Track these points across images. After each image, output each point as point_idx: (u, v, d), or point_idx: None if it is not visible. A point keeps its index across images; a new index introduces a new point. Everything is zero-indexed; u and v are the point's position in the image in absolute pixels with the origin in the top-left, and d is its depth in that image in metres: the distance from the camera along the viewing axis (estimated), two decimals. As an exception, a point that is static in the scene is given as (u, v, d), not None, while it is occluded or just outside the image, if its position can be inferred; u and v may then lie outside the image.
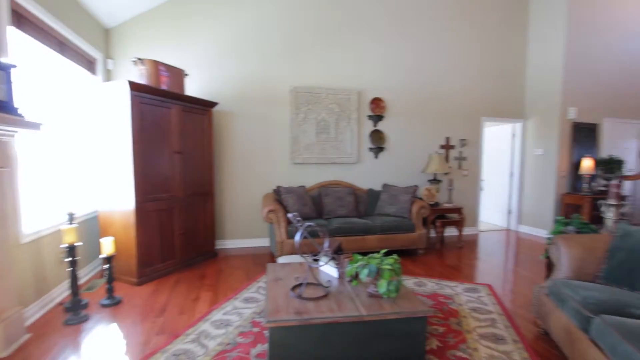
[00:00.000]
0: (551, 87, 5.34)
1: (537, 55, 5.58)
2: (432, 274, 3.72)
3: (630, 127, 5.79)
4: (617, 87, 5.56)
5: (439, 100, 5.36)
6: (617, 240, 2.17)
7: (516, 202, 6.00)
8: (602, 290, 1.98)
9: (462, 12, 5.35)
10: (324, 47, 4.80)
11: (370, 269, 1.97)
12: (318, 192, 4.61)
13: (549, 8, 5.36)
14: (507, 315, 2.74)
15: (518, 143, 5.92)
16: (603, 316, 1.71)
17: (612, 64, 5.49)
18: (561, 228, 2.61)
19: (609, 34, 5.40)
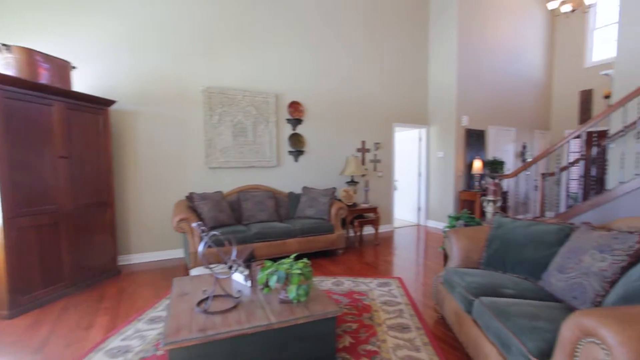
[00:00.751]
0: (448, 98, 6.05)
1: (437, 70, 6.28)
2: (350, 273, 3.86)
3: (508, 133, 6.88)
4: (497, 100, 6.56)
5: (355, 105, 5.64)
6: (494, 231, 2.53)
7: (424, 199, 6.64)
8: (483, 275, 2.28)
9: (375, 26, 5.73)
10: (240, 47, 4.66)
11: (279, 275, 1.94)
12: (237, 197, 4.44)
13: (443, 32, 6.08)
14: (413, 304, 2.98)
15: (424, 146, 6.57)
16: (481, 298, 1.96)
17: (493, 81, 6.46)
18: (453, 223, 2.95)
19: (489, 57, 6.34)
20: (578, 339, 1.22)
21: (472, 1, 5.98)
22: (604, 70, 6.13)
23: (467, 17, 5.93)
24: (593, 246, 1.81)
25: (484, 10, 6.17)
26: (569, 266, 1.91)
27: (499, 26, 6.43)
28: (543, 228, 2.35)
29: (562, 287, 1.91)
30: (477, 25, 6.09)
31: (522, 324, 1.59)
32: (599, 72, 6.39)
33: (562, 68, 7.37)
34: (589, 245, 1.84)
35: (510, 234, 2.45)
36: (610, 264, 1.68)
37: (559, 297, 1.93)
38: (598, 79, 6.54)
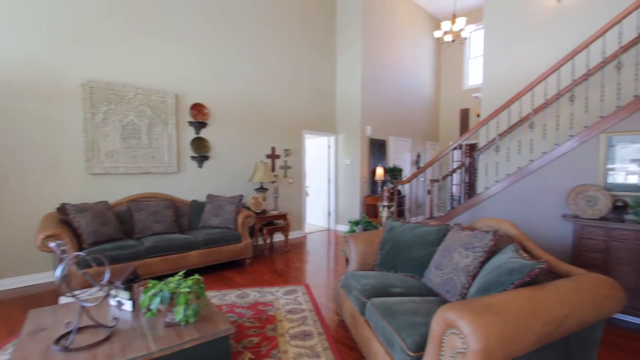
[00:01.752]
0: (354, 109, 6.45)
1: (344, 81, 6.64)
2: (258, 283, 3.74)
3: (405, 144, 7.67)
4: (396, 113, 7.26)
5: (264, 111, 5.56)
6: (386, 234, 2.73)
7: (334, 204, 6.90)
8: (376, 277, 2.42)
9: (287, 34, 5.77)
10: (133, 36, 4.14)
11: (163, 296, 1.73)
12: (127, 208, 3.92)
13: (348, 46, 6.48)
14: (317, 310, 3.02)
15: (333, 154, 6.85)
16: (373, 299, 2.07)
17: (392, 96, 7.13)
18: (353, 227, 3.10)
19: (388, 74, 6.99)
20: (444, 331, 1.35)
21: (372, 21, 6.52)
22: (475, 93, 7.31)
23: (369, 35, 6.43)
24: (460, 245, 2.08)
25: (382, 31, 6.78)
26: (444, 263, 2.16)
27: (396, 47, 7.15)
28: (426, 230, 2.62)
29: (438, 282, 2.15)
30: (378, 44, 6.65)
31: (404, 321, 1.72)
32: (472, 94, 7.60)
33: (447, 88, 8.57)
34: (458, 244, 2.11)
35: (400, 236, 2.68)
36: (472, 259, 1.94)
37: (436, 292, 2.17)
38: (473, 100, 7.78)
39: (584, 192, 2.93)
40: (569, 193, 2.99)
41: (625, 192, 2.87)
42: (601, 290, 1.44)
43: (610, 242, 2.75)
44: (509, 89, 4.21)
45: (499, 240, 1.98)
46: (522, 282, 1.51)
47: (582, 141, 3.01)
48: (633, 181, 2.84)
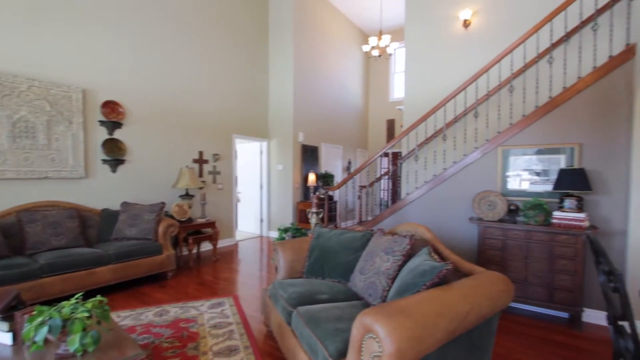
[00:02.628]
0: (286, 115, 6.45)
1: (276, 87, 6.61)
2: (180, 297, 3.46)
3: (337, 150, 7.92)
4: (328, 120, 7.46)
5: (191, 113, 5.23)
6: (314, 241, 2.75)
7: (266, 210, 6.78)
8: (304, 284, 2.42)
9: (217, 35, 5.53)
10: (26, 15, 3.54)
11: (52, 324, 1.48)
12: (16, 219, 3.32)
13: (280, 52, 6.49)
14: (245, 322, 2.90)
15: (265, 159, 6.74)
16: (298, 308, 2.06)
17: (324, 103, 7.32)
18: (283, 235, 3.07)
19: (320, 82, 7.17)
20: (363, 336, 1.38)
21: (304, 31, 6.63)
22: (399, 105, 7.91)
23: (301, 44, 6.53)
24: (382, 249, 2.19)
25: (314, 41, 6.94)
26: (367, 267, 2.24)
27: (328, 57, 7.37)
28: (352, 235, 2.70)
29: (362, 287, 2.22)
30: (309, 53, 6.79)
31: (327, 328, 1.73)
32: (396, 107, 8.20)
33: (375, 99, 9.11)
34: (379, 249, 2.21)
35: (328, 242, 2.72)
36: (392, 263, 2.05)
37: (361, 296, 2.24)
38: (397, 112, 8.39)
39: (486, 197, 3.34)
40: (474, 198, 3.37)
41: (517, 197, 3.34)
42: (497, 286, 1.63)
43: (506, 240, 3.17)
44: (427, 103, 4.63)
45: (415, 244, 2.13)
46: (432, 283, 1.63)
47: (484, 153, 3.43)
48: (523, 187, 3.32)
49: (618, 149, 2.88)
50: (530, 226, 3.03)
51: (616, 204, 2.91)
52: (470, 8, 4.46)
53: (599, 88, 2.93)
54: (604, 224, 2.96)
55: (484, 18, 4.39)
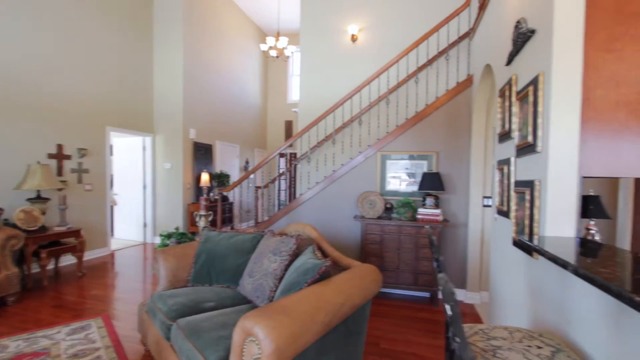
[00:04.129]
0: (175, 109, 5.92)
1: (163, 78, 6.00)
2: (28, 326, 2.81)
3: (234, 149, 7.67)
4: (224, 118, 7.16)
5: (47, 98, 4.30)
6: (201, 245, 2.60)
7: (151, 214, 6.08)
8: (188, 293, 2.25)
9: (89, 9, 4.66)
10: None
11: None
12: None
13: (168, 41, 5.93)
14: (117, 345, 2.54)
15: (149, 156, 6.05)
16: (178, 321, 1.91)
17: (220, 100, 7.00)
18: (166, 241, 2.80)
19: (216, 78, 6.83)
20: (244, 341, 1.37)
21: (196, 21, 6.22)
22: (295, 108, 8.15)
23: (193, 35, 6.10)
24: (270, 250, 2.21)
25: (208, 33, 6.57)
26: (255, 270, 2.23)
27: (224, 53, 7.08)
28: (242, 238, 2.65)
29: (250, 289, 2.20)
30: (203, 46, 6.39)
31: (210, 337, 1.66)
32: (292, 109, 8.43)
33: (273, 100, 9.16)
34: (268, 250, 2.23)
35: (216, 246, 2.60)
36: (279, 263, 2.09)
37: (250, 299, 2.21)
38: (295, 113, 8.62)
39: (367, 197, 3.71)
40: (358, 198, 3.72)
41: (393, 197, 3.82)
42: (368, 277, 1.83)
43: (383, 235, 3.59)
44: (320, 108, 4.89)
45: (301, 243, 2.22)
46: (313, 280, 1.72)
47: (367, 157, 3.81)
48: (397, 188, 3.82)
49: (462, 156, 3.59)
50: (401, 222, 3.51)
51: (461, 201, 3.61)
52: (357, 24, 4.90)
53: (450, 106, 3.59)
54: (453, 217, 3.64)
55: (368, 35, 4.88)
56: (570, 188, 1.52)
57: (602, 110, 1.51)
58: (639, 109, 1.50)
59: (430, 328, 2.94)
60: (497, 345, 1.20)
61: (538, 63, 1.66)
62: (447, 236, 3.64)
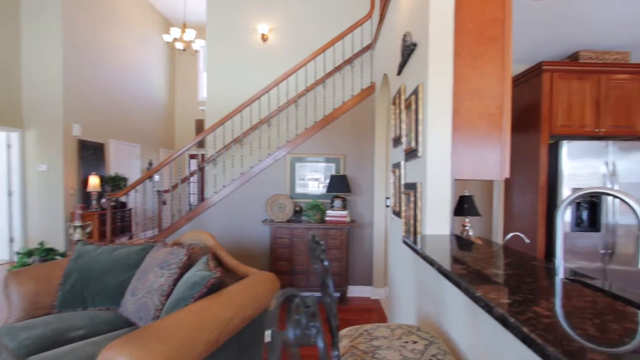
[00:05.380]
0: (52, 100, 4.98)
1: (34, 61, 4.98)
2: None
3: (134, 149, 6.83)
4: (121, 114, 6.32)
5: None
6: (72, 263, 2.18)
7: (19, 226, 5.00)
8: (50, 323, 1.85)
9: None
10: None
11: None
12: None
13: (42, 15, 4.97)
14: (-56, 398, 1.95)
15: (16, 156, 4.97)
16: (30, 358, 1.54)
17: (116, 94, 6.16)
18: (25, 260, 2.28)
19: (109, 68, 5.99)
20: (106, 376, 1.14)
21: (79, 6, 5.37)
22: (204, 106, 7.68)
23: (76, 13, 5.23)
24: (156, 264, 1.96)
25: (98, 14, 5.73)
26: (139, 287, 1.95)
27: (119, 39, 6.26)
28: (127, 251, 2.31)
29: (133, 310, 1.91)
30: (91, 27, 5.55)
31: (67, 376, 1.37)
32: (200, 107, 7.91)
33: (183, 97, 8.47)
34: (154, 264, 1.97)
35: (93, 262, 2.21)
36: (167, 278, 1.86)
37: (132, 321, 1.93)
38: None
39: (277, 201, 3.64)
40: (267, 201, 3.62)
41: (303, 200, 3.82)
42: (263, 285, 1.74)
43: (293, 238, 3.56)
44: (229, 107, 4.64)
45: (194, 254, 2.02)
46: (201, 294, 1.57)
47: (276, 159, 3.74)
48: (306, 191, 3.83)
49: (367, 159, 3.78)
50: (310, 224, 3.52)
51: (366, 202, 3.80)
52: (267, 24, 4.81)
53: (356, 112, 3.75)
54: (360, 218, 3.80)
55: (279, 36, 4.83)
56: (445, 189, 1.67)
57: (469, 120, 1.70)
58: (497, 120, 1.73)
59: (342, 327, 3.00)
60: (378, 345, 1.22)
61: (419, 74, 1.81)
62: (355, 236, 3.79)
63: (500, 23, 1.67)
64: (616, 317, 0.66)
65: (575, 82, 3.22)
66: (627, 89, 3.20)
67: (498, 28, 1.67)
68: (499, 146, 1.70)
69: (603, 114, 3.22)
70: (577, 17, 2.73)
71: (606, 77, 3.21)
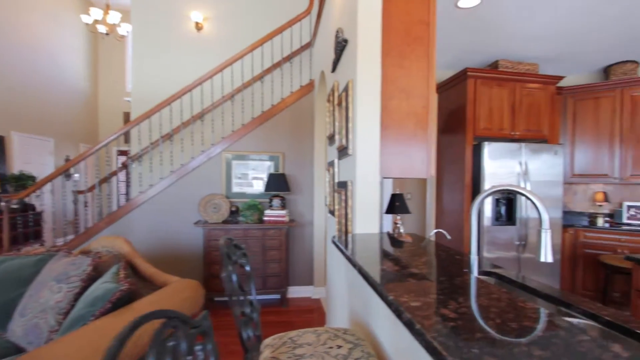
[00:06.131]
0: None
1: None
2: None
3: (46, 144, 5.96)
4: (28, 104, 5.46)
5: None
6: (-60, 281, 1.78)
7: None
8: None
9: None
10: None
11: None
12: None
13: None
14: None
15: None
16: None
17: (21, 81, 5.31)
18: None
19: (12, 50, 5.14)
20: None
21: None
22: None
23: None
24: (52, 277, 1.67)
25: (1, -14, 4.89)
26: (30, 305, 1.65)
27: (22, 14, 5.40)
28: (20, 262, 1.96)
29: (22, 334, 1.61)
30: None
31: None
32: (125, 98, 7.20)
33: (108, 86, 7.62)
34: (50, 277, 1.68)
35: (-29, 279, 1.83)
36: (65, 293, 1.59)
37: (22, 346, 1.62)
38: (137, 105, 7.39)
39: (211, 201, 3.42)
40: (200, 202, 3.38)
41: (240, 199, 3.64)
42: (182, 295, 1.57)
43: (228, 240, 3.36)
44: (157, 99, 4.25)
45: (102, 264, 1.77)
46: (104, 310, 1.36)
47: (210, 157, 3.51)
48: (244, 190, 3.65)
49: (307, 157, 3.73)
50: (248, 225, 3.36)
51: (307, 201, 3.74)
52: (201, 12, 4.50)
53: (295, 109, 3.67)
54: (300, 217, 3.73)
55: (215, 27, 4.55)
56: (374, 188, 1.66)
57: (397, 118, 1.71)
58: (423, 120, 1.77)
59: (278, 330, 2.90)
60: (301, 353, 1.16)
61: (349, 71, 1.78)
62: (295, 235, 3.72)
63: (426, 25, 1.71)
64: (516, 315, 0.67)
65: (495, 88, 3.51)
66: (537, 97, 3.58)
67: (424, 30, 1.71)
68: (425, 145, 1.74)
69: (517, 118, 3.56)
70: (496, 27, 2.96)
71: (520, 86, 3.55)
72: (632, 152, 3.55)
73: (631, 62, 3.67)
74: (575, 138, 3.84)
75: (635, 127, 3.54)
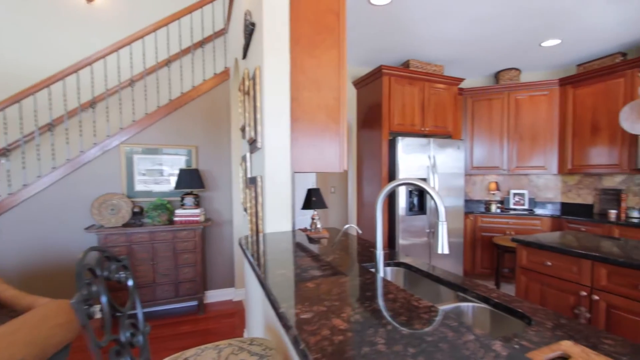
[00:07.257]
0: None
1: None
2: None
3: None
4: None
5: None
6: None
7: None
8: None
9: None
10: None
11: None
12: None
13: None
14: None
15: None
16: None
17: None
18: None
19: None
20: None
21: None
22: None
23: None
24: None
25: None
26: None
27: None
28: None
29: None
30: None
31: None
32: None
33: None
34: None
35: None
36: None
37: None
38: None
39: (108, 201, 2.95)
40: (93, 203, 2.89)
41: (145, 199, 3.22)
42: (50, 321, 1.27)
43: (131, 245, 2.95)
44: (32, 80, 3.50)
45: None
46: None
47: (105, 150, 3.02)
48: (150, 188, 3.24)
49: (224, 151, 3.47)
50: (154, 227, 2.99)
51: (224, 198, 3.50)
52: (95, -18, 3.83)
53: (209, 98, 3.38)
54: (217, 216, 3.47)
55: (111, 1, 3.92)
56: (285, 183, 1.56)
57: (308, 110, 1.63)
58: (335, 112, 1.72)
59: (197, 342, 2.64)
60: (194, 377, 1.00)
61: (257, 57, 1.64)
62: (213, 235, 3.45)
63: (336, 15, 1.66)
64: (409, 317, 0.62)
65: (408, 86, 3.71)
66: (442, 96, 3.90)
67: (334, 20, 1.66)
68: (338, 138, 1.70)
69: (427, 115, 3.83)
70: (407, 28, 3.11)
71: (429, 85, 3.82)
72: (516, 147, 4.11)
73: (515, 69, 4.24)
74: (474, 134, 4.30)
75: (518, 126, 4.10)
